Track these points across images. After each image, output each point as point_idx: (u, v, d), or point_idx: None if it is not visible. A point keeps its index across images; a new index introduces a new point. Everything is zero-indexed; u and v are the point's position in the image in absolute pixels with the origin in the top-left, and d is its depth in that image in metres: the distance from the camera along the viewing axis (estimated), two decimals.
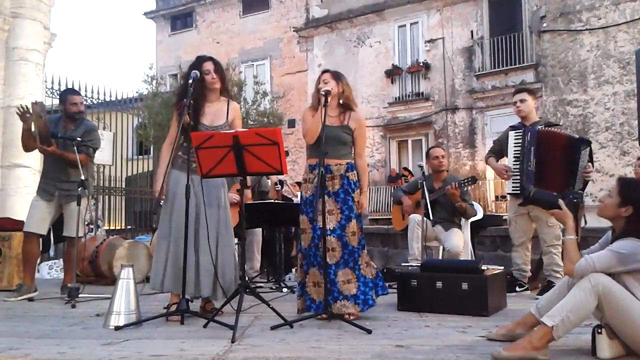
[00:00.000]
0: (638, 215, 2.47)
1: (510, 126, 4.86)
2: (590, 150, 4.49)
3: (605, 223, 2.75)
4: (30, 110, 4.45)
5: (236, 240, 6.24)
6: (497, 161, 4.94)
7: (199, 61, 3.74)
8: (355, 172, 3.73)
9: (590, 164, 4.44)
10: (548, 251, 4.60)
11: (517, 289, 4.72)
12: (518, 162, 4.56)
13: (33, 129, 4.54)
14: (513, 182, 4.63)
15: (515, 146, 4.62)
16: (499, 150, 4.92)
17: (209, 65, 3.71)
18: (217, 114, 3.75)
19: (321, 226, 3.47)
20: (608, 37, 14.41)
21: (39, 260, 5.71)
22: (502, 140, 4.89)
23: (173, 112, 3.83)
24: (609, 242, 2.56)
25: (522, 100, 4.75)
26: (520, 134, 4.60)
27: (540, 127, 4.62)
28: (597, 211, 2.62)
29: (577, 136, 4.63)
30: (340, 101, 3.74)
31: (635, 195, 2.51)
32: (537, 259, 5.07)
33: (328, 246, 3.53)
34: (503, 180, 4.88)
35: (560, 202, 2.69)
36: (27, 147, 4.74)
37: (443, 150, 5.54)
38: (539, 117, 4.78)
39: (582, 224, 2.68)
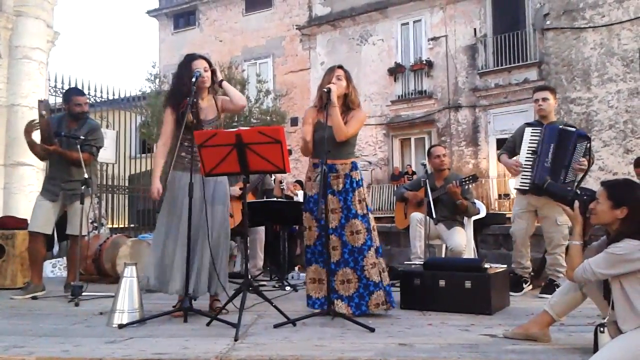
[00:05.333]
0: (633, 214, 2.42)
1: (527, 123, 4.78)
2: (590, 148, 4.44)
3: None
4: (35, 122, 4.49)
5: (235, 242, 6.27)
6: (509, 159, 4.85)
7: (190, 59, 3.75)
8: (359, 171, 3.74)
9: (585, 159, 4.37)
10: (553, 252, 4.57)
11: (524, 285, 4.72)
12: (531, 158, 4.50)
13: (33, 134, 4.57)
14: (522, 178, 4.56)
15: (530, 142, 4.55)
16: (512, 147, 4.81)
17: (200, 64, 3.71)
18: (209, 109, 3.79)
19: (325, 224, 3.49)
20: (612, 34, 14.37)
21: None
22: (516, 136, 4.80)
23: (166, 109, 3.79)
24: (605, 245, 2.52)
25: (544, 99, 4.64)
26: (538, 131, 4.54)
27: (561, 126, 4.56)
28: (592, 220, 2.57)
29: (574, 129, 4.58)
30: (346, 102, 3.74)
31: (626, 194, 2.46)
32: (540, 257, 5.06)
33: (331, 245, 3.54)
34: (508, 178, 4.88)
35: (576, 204, 2.62)
36: (40, 156, 4.85)
37: (444, 149, 5.53)
38: (556, 118, 4.72)
39: None
